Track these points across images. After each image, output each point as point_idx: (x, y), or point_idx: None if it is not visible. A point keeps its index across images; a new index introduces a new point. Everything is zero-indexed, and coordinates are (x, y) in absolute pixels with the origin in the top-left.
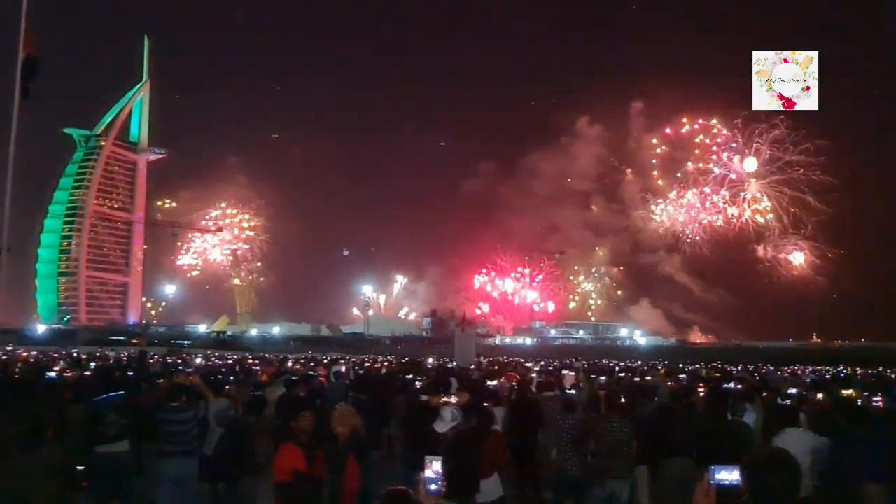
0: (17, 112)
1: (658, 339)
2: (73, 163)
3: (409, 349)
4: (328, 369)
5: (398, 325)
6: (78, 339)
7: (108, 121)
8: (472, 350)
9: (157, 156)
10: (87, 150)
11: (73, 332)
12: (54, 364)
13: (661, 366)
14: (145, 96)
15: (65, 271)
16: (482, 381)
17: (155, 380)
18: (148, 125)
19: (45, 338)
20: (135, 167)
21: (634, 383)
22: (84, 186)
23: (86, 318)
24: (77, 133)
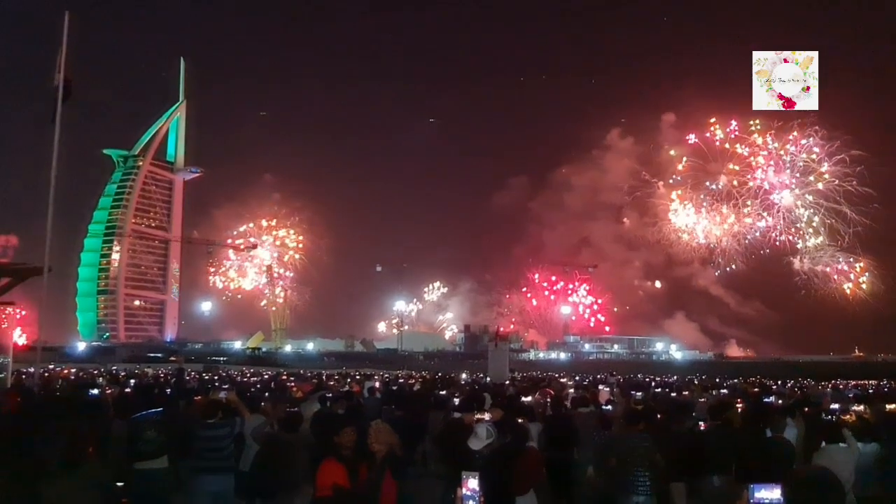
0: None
1: (695, 353)
2: (112, 183)
3: (442, 364)
4: (361, 385)
5: (431, 341)
6: (117, 356)
7: (145, 141)
8: (505, 365)
9: (194, 175)
10: (125, 170)
11: (113, 349)
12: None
13: (697, 381)
14: (182, 117)
15: (104, 289)
16: (516, 397)
17: (192, 397)
18: (184, 145)
19: (85, 355)
20: (172, 186)
21: (671, 399)
22: (123, 206)
23: (124, 335)
24: (115, 154)
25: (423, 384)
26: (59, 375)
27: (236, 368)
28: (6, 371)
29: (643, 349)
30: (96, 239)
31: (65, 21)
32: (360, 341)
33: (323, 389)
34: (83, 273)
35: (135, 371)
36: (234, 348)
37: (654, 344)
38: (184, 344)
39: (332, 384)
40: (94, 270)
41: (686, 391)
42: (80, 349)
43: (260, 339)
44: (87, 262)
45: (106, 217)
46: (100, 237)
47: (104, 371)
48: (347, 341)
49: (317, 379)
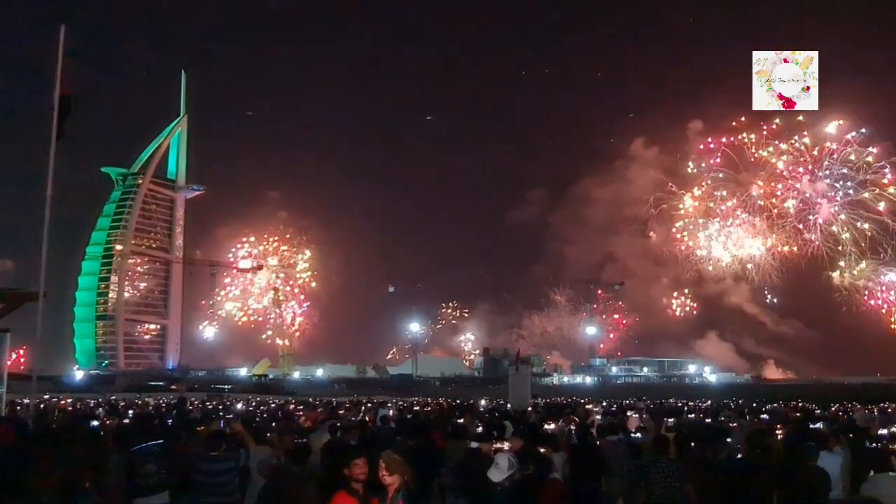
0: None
1: (730, 375)
2: (111, 202)
3: (459, 391)
4: (374, 413)
5: (448, 365)
6: (116, 384)
7: (145, 158)
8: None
9: (196, 193)
10: (124, 189)
11: (112, 377)
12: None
13: (734, 405)
14: (183, 132)
15: (102, 315)
16: (539, 425)
17: (194, 427)
18: (186, 162)
19: (82, 384)
20: (173, 205)
21: (706, 425)
22: (122, 226)
23: (124, 363)
24: (114, 172)
25: (440, 412)
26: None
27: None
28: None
29: (675, 372)
30: (94, 262)
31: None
32: (373, 367)
33: (333, 418)
34: (81, 298)
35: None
36: (239, 375)
37: (686, 366)
38: (186, 371)
39: (343, 413)
40: (93, 295)
41: (722, 417)
42: (78, 378)
43: (266, 365)
44: (84, 286)
45: (104, 238)
46: (98, 260)
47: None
48: (359, 367)
49: (327, 407)
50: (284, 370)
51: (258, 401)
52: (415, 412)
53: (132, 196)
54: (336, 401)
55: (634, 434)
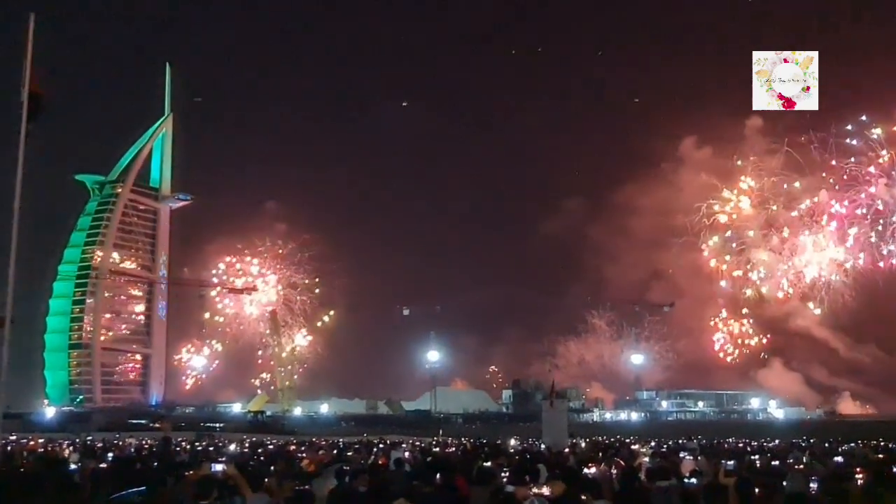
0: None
1: (799, 410)
2: (86, 214)
3: (486, 429)
4: (387, 455)
5: (472, 400)
6: (92, 423)
7: (125, 164)
8: (564, 428)
9: (182, 203)
10: (101, 199)
11: (87, 414)
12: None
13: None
14: (167, 134)
15: (77, 343)
16: (578, 468)
17: (181, 472)
18: (171, 168)
19: (54, 423)
20: (156, 217)
21: (772, 468)
22: (98, 242)
23: (101, 397)
24: (90, 180)
25: (463, 453)
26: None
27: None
28: None
29: (734, 407)
30: (68, 282)
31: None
32: (385, 401)
33: (340, 461)
34: (52, 323)
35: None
36: (232, 412)
37: (747, 400)
38: (172, 407)
39: (351, 455)
40: (66, 320)
41: (790, 459)
42: (49, 416)
43: (263, 400)
44: (56, 310)
45: (79, 255)
46: (72, 280)
47: (77, 442)
48: (369, 402)
49: (332, 449)
50: (284, 406)
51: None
52: (434, 454)
53: (110, 207)
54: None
55: (688, 479)
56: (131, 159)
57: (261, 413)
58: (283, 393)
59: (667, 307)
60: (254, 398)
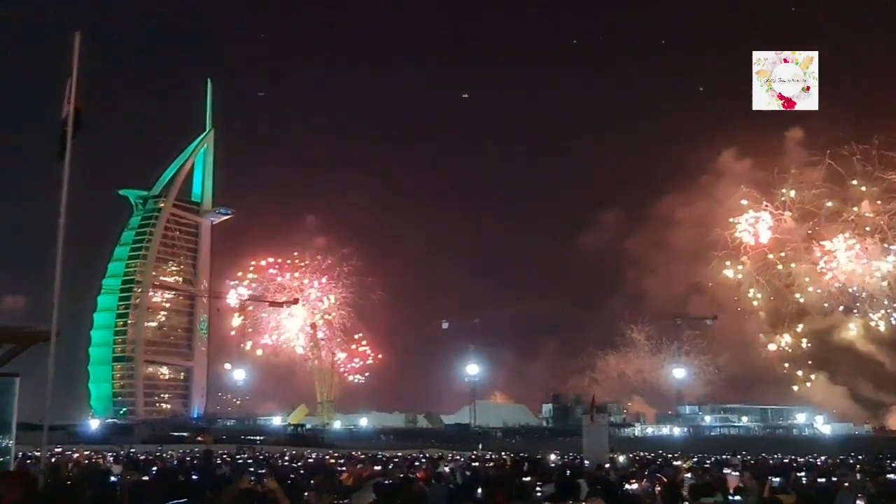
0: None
1: (847, 426)
2: (130, 229)
3: (526, 443)
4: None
5: (511, 414)
6: (135, 435)
7: (167, 179)
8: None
9: (223, 217)
10: (144, 214)
11: (130, 427)
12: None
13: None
14: (209, 148)
15: (121, 356)
16: (619, 484)
17: (222, 485)
18: (212, 182)
19: (98, 434)
20: (198, 231)
21: (820, 486)
22: (141, 256)
23: (144, 410)
24: (133, 194)
25: (503, 468)
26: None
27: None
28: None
29: (780, 422)
30: (111, 296)
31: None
32: (424, 415)
33: (379, 475)
34: (96, 337)
35: (156, 453)
36: (272, 425)
37: (793, 415)
38: (214, 420)
39: (391, 469)
40: (109, 334)
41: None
42: (93, 427)
43: (303, 413)
44: (100, 323)
45: (123, 270)
46: (115, 293)
47: (121, 454)
48: (408, 415)
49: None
50: (324, 419)
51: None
52: (473, 469)
53: (153, 222)
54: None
55: (733, 497)
56: (173, 174)
57: (301, 426)
58: (323, 406)
59: (709, 320)
60: (293, 411)
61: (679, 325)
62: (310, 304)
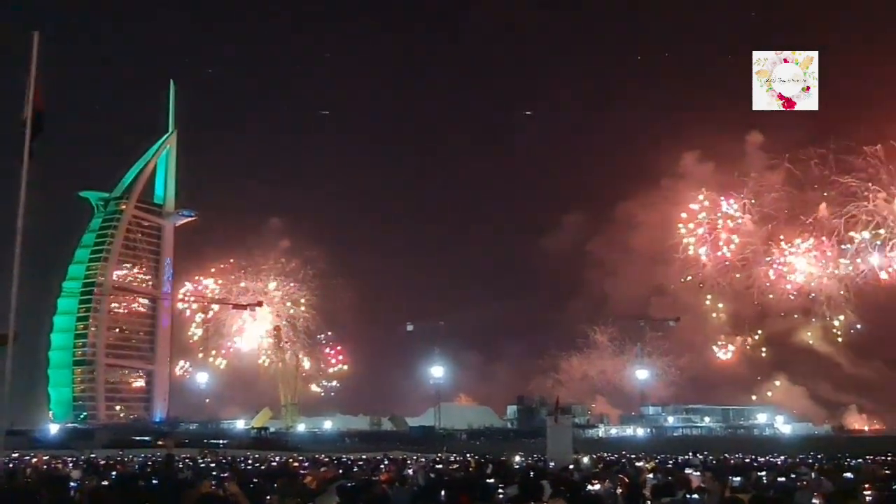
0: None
1: (807, 426)
2: (90, 231)
3: (490, 445)
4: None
5: (476, 416)
6: (96, 440)
7: (129, 181)
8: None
9: (186, 219)
10: (105, 216)
11: (91, 431)
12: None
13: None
14: (171, 150)
15: (81, 360)
16: (582, 485)
17: (184, 489)
18: (175, 184)
19: (58, 439)
20: (160, 233)
21: (780, 485)
22: (102, 258)
23: (105, 414)
24: (94, 196)
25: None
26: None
27: (238, 453)
28: None
29: (741, 422)
30: (72, 299)
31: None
32: (389, 418)
33: (343, 478)
34: (56, 340)
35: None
36: (235, 428)
37: (754, 415)
38: (176, 424)
39: (355, 472)
40: (70, 337)
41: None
42: (52, 432)
43: (267, 416)
44: (60, 327)
45: (83, 272)
46: (76, 296)
47: (81, 459)
48: (373, 418)
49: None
50: (287, 422)
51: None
52: (437, 471)
53: (114, 224)
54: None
55: (691, 496)
56: (135, 176)
57: (264, 429)
58: (287, 409)
59: (672, 322)
60: (257, 414)
61: (642, 327)
62: (274, 306)
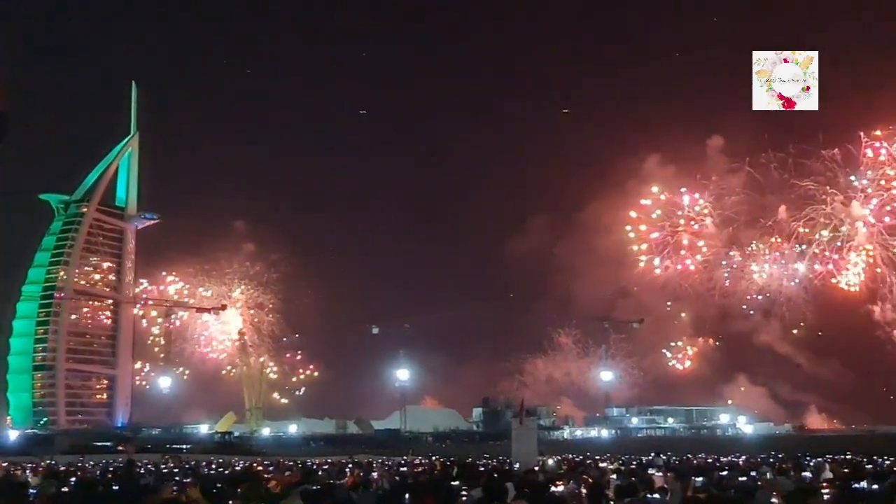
0: None
1: (768, 426)
2: (51, 234)
3: (456, 447)
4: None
5: (442, 418)
6: (56, 445)
7: (90, 183)
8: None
9: (148, 222)
10: (66, 219)
11: (51, 437)
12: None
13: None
14: (133, 152)
15: (41, 364)
16: (546, 486)
17: (145, 494)
18: (137, 187)
19: (17, 445)
20: (122, 236)
21: (741, 484)
22: (63, 262)
23: (66, 419)
24: (54, 199)
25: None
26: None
27: (202, 458)
28: None
29: (704, 422)
30: (32, 303)
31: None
32: (355, 421)
33: (308, 482)
34: (16, 345)
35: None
36: (199, 433)
37: (717, 415)
38: (138, 429)
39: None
40: (30, 342)
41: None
42: (12, 438)
43: (231, 420)
44: (20, 331)
45: (43, 276)
46: (36, 301)
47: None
48: (338, 422)
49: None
50: (252, 426)
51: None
52: (403, 473)
53: (75, 227)
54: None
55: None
56: (97, 178)
57: (228, 434)
58: (252, 413)
59: (636, 323)
60: (221, 419)
61: (606, 329)
62: (238, 310)
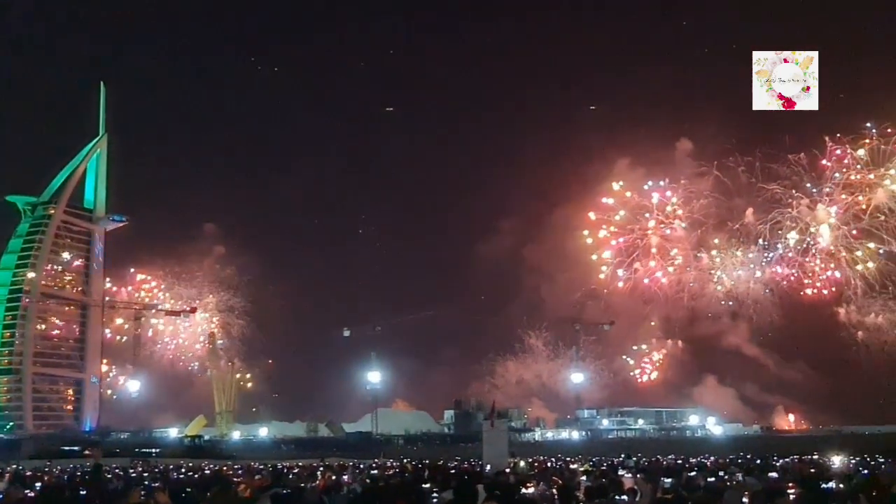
0: None
1: (737, 427)
2: (17, 236)
3: (427, 450)
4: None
5: (413, 421)
6: (23, 450)
7: (58, 185)
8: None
9: (117, 224)
10: (33, 221)
11: (17, 442)
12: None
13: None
14: (102, 154)
15: (7, 368)
16: (517, 488)
17: (113, 499)
18: (105, 188)
19: None
20: (90, 239)
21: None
22: (30, 264)
23: (32, 424)
24: (21, 201)
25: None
26: None
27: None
28: None
29: (674, 423)
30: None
31: None
32: (326, 424)
33: (278, 486)
34: None
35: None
36: (168, 437)
37: (686, 417)
38: (107, 433)
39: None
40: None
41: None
42: None
43: (201, 424)
44: None
45: (10, 278)
46: (2, 303)
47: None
48: (309, 424)
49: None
50: (222, 430)
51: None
52: (373, 477)
53: (43, 229)
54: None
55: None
56: (65, 180)
57: (198, 437)
58: (222, 417)
59: (606, 326)
60: (191, 422)
61: (577, 331)
62: (208, 312)
